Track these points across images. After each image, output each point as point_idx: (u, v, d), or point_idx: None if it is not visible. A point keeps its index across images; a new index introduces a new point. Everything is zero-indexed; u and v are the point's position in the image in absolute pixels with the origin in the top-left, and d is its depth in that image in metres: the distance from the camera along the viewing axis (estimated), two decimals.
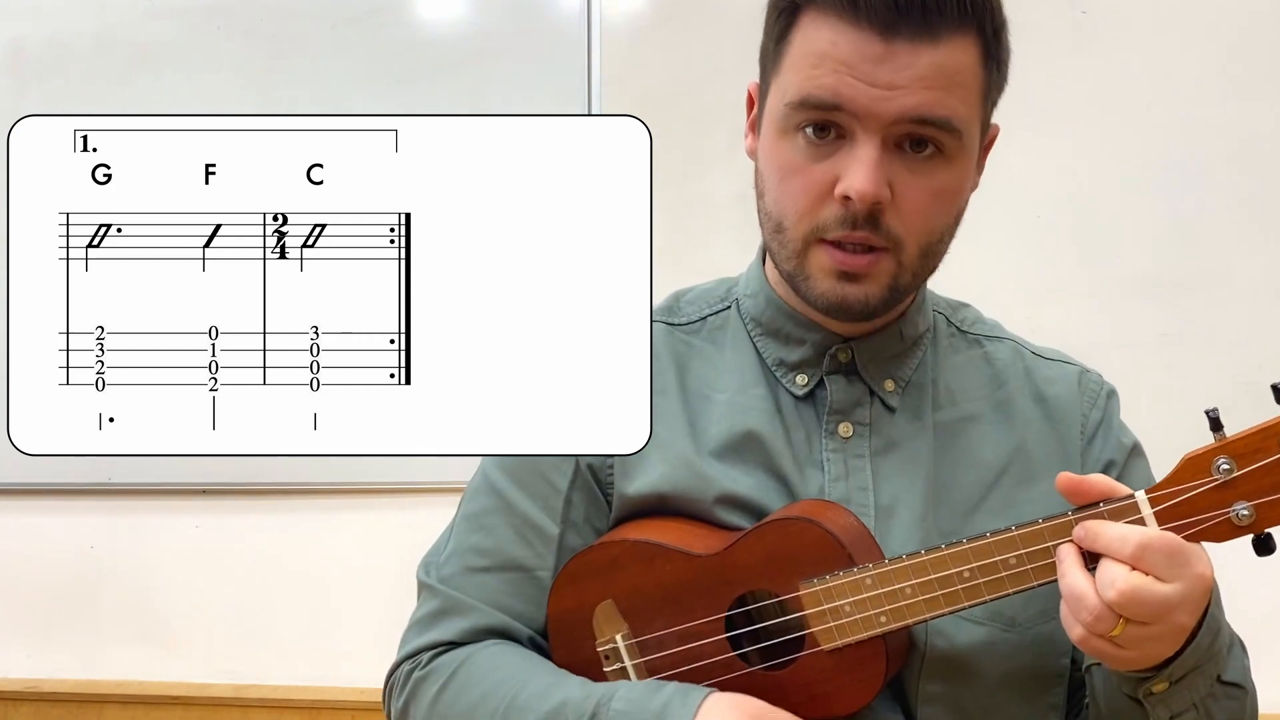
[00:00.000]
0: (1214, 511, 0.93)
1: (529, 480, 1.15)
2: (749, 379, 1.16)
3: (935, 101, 0.99)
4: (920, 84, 0.98)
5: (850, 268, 1.04)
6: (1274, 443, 0.91)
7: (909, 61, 0.98)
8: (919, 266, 1.07)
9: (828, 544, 1.01)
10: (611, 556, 1.10)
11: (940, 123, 1.00)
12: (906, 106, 0.98)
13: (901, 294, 1.08)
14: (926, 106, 0.99)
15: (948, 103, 1.00)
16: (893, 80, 0.98)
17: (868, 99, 0.98)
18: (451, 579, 1.15)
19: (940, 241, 1.07)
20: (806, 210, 1.04)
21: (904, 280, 1.06)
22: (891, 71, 0.98)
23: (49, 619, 2.78)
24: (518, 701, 1.05)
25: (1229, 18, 2.42)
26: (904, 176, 1.02)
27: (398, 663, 1.15)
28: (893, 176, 1.01)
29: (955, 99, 1.00)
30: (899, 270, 1.05)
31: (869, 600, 0.99)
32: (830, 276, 1.05)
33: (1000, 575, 0.97)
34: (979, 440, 1.14)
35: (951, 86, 1.00)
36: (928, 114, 0.99)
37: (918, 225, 1.03)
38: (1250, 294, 2.39)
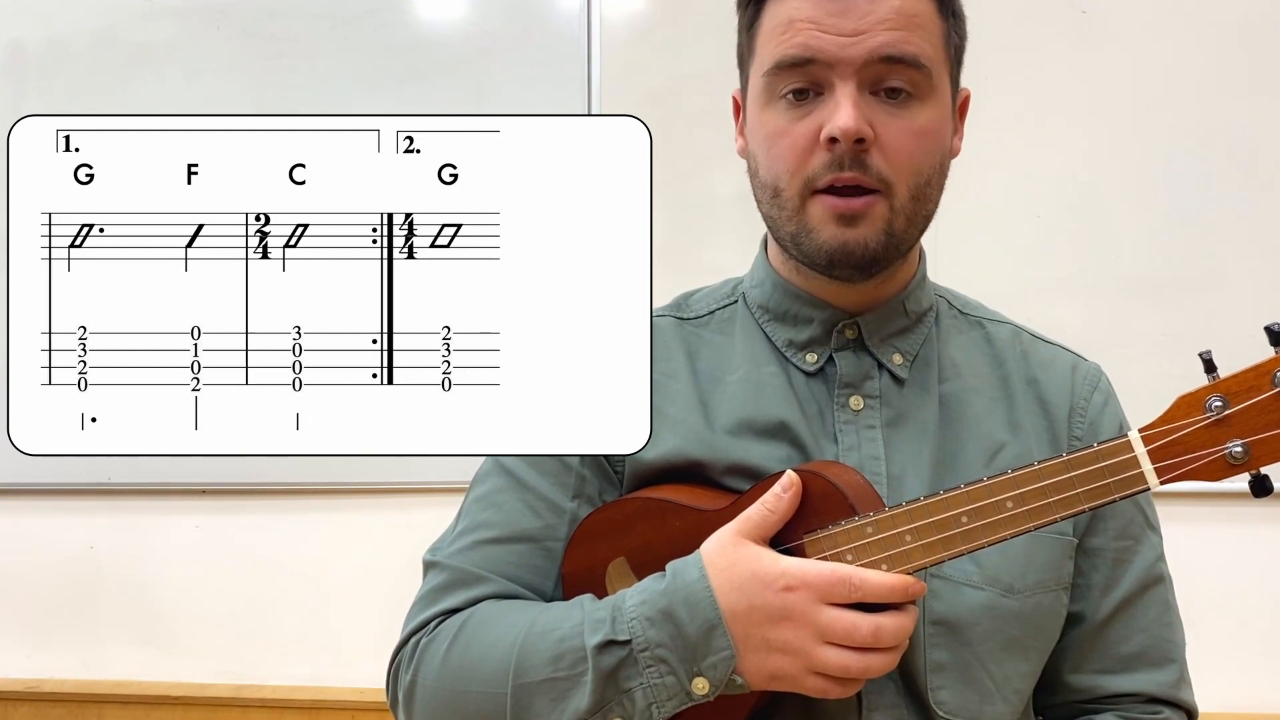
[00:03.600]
0: (1207, 450, 0.93)
1: (539, 459, 1.16)
2: (760, 359, 1.18)
3: (900, 39, 1.06)
4: (883, 26, 1.05)
5: (847, 209, 1.07)
6: (1267, 381, 0.91)
7: (869, 8, 1.06)
8: (911, 210, 1.10)
9: (831, 495, 1.02)
10: (625, 514, 1.11)
11: (909, 59, 1.06)
12: (873, 46, 1.05)
13: (897, 241, 1.10)
14: (893, 44, 1.05)
15: (913, 40, 1.07)
16: (857, 26, 1.05)
17: (836, 46, 1.05)
18: (459, 554, 1.15)
19: (928, 185, 1.11)
20: (796, 165, 1.08)
21: (898, 225, 1.09)
22: (855, 19, 1.05)
23: (49, 619, 2.78)
24: (535, 628, 1.05)
25: (1229, 17, 2.41)
26: (883, 119, 1.07)
27: (403, 640, 1.14)
28: (873, 119, 1.06)
29: (919, 37, 1.07)
30: (892, 214, 1.08)
31: (869, 546, 1.00)
32: (831, 223, 1.08)
33: (996, 518, 0.97)
34: (983, 413, 1.17)
35: (913, 26, 1.07)
36: (895, 51, 1.06)
37: (904, 164, 1.08)
38: (1250, 294, 2.38)
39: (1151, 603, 1.16)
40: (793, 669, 0.98)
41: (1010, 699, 1.11)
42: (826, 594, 0.96)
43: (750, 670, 0.99)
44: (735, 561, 1.00)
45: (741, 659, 0.99)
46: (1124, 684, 1.14)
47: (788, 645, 0.98)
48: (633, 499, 1.12)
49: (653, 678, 1.00)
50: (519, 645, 1.04)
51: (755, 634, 0.98)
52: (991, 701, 1.09)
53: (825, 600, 0.97)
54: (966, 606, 1.09)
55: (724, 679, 0.99)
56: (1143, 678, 1.14)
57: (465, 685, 1.07)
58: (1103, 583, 1.15)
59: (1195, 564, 1.35)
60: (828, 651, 0.96)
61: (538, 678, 1.03)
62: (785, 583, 0.97)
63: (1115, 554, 1.16)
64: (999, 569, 1.09)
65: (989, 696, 1.09)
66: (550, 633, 1.04)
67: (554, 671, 1.02)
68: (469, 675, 1.07)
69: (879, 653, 0.97)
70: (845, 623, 0.96)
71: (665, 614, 1.00)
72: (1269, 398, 0.91)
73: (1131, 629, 1.15)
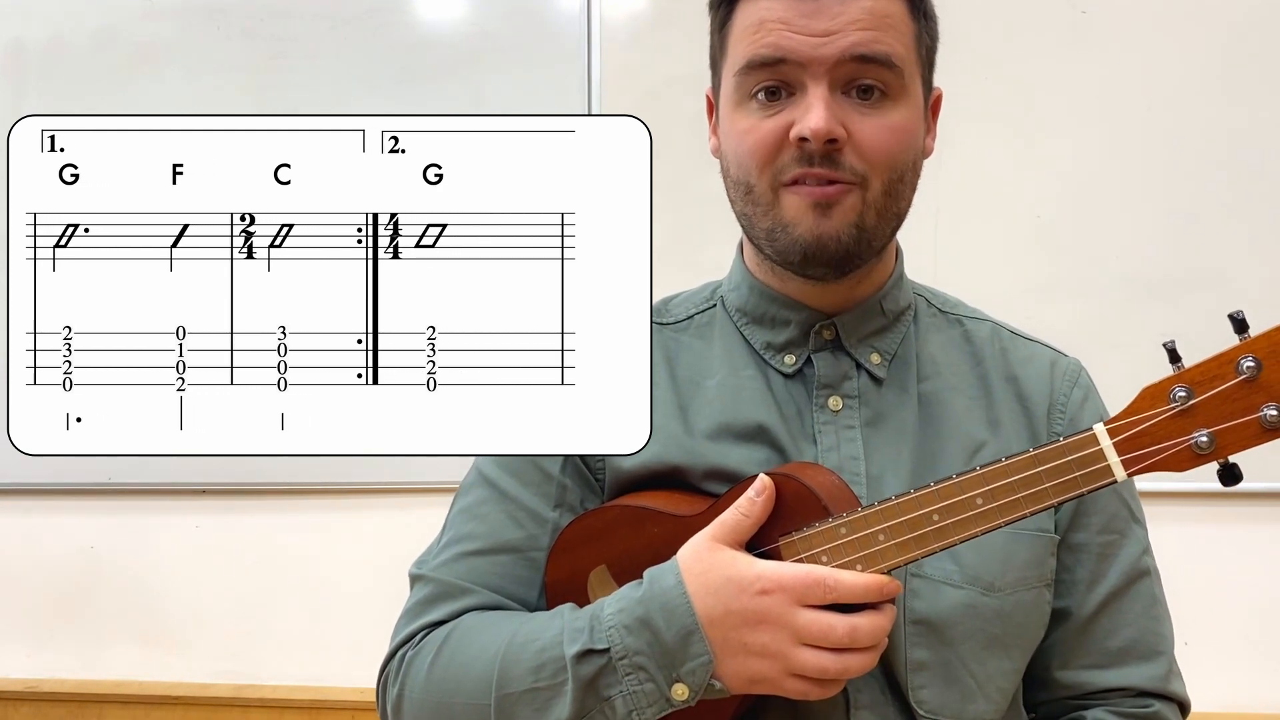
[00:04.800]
0: (1173, 440, 0.93)
1: (521, 468, 1.17)
2: (739, 363, 1.18)
3: (872, 39, 1.06)
4: (854, 26, 1.05)
5: (819, 197, 1.07)
6: (1230, 369, 0.91)
7: (840, 9, 1.06)
8: (883, 205, 1.10)
9: (805, 497, 1.02)
10: (605, 522, 1.12)
11: (880, 58, 1.06)
12: (845, 46, 1.05)
13: (869, 236, 1.10)
14: (864, 44, 1.05)
15: (884, 39, 1.06)
16: (828, 26, 1.05)
17: (808, 47, 1.05)
18: (443, 566, 1.16)
19: (901, 181, 1.11)
20: (765, 160, 1.09)
21: (870, 220, 1.09)
22: (826, 20, 1.05)
23: (49, 619, 2.79)
24: (517, 639, 1.05)
25: (1228, 18, 2.41)
26: (856, 119, 1.07)
27: (390, 654, 1.15)
28: (845, 119, 1.06)
29: (890, 37, 1.07)
30: (864, 207, 1.08)
31: (844, 547, 1.00)
32: (805, 214, 1.08)
33: (968, 514, 0.97)
34: (962, 412, 1.17)
35: (884, 26, 1.07)
36: (866, 50, 1.06)
37: (879, 159, 1.08)
38: (1250, 294, 2.37)
39: (1138, 596, 1.16)
40: (771, 672, 0.98)
41: (993, 697, 1.11)
42: (802, 596, 0.97)
43: (729, 675, 0.99)
44: (711, 567, 1.00)
45: (720, 664, 0.99)
46: (1113, 679, 1.14)
47: (765, 648, 0.98)
48: (612, 507, 1.13)
49: (632, 685, 1.00)
50: (501, 656, 1.05)
51: (733, 638, 0.98)
52: (973, 700, 1.09)
53: (801, 602, 0.97)
54: (947, 605, 1.09)
55: (703, 684, 0.99)
56: (1132, 671, 1.14)
57: (450, 697, 1.08)
58: (1088, 578, 1.15)
59: (1177, 563, 1.34)
60: (805, 653, 0.97)
61: (520, 688, 1.03)
62: (761, 586, 0.97)
63: (1100, 549, 1.16)
64: (979, 567, 1.09)
65: (971, 695, 1.09)
66: (531, 643, 1.04)
67: (535, 682, 1.03)
68: (454, 687, 1.07)
69: (857, 653, 0.97)
70: (821, 624, 0.96)
71: (642, 621, 1.00)
72: (1232, 386, 0.91)
73: (1119, 623, 1.15)
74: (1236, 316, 0.91)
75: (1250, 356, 0.90)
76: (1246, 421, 0.91)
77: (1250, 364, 0.90)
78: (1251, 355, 0.90)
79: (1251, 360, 0.90)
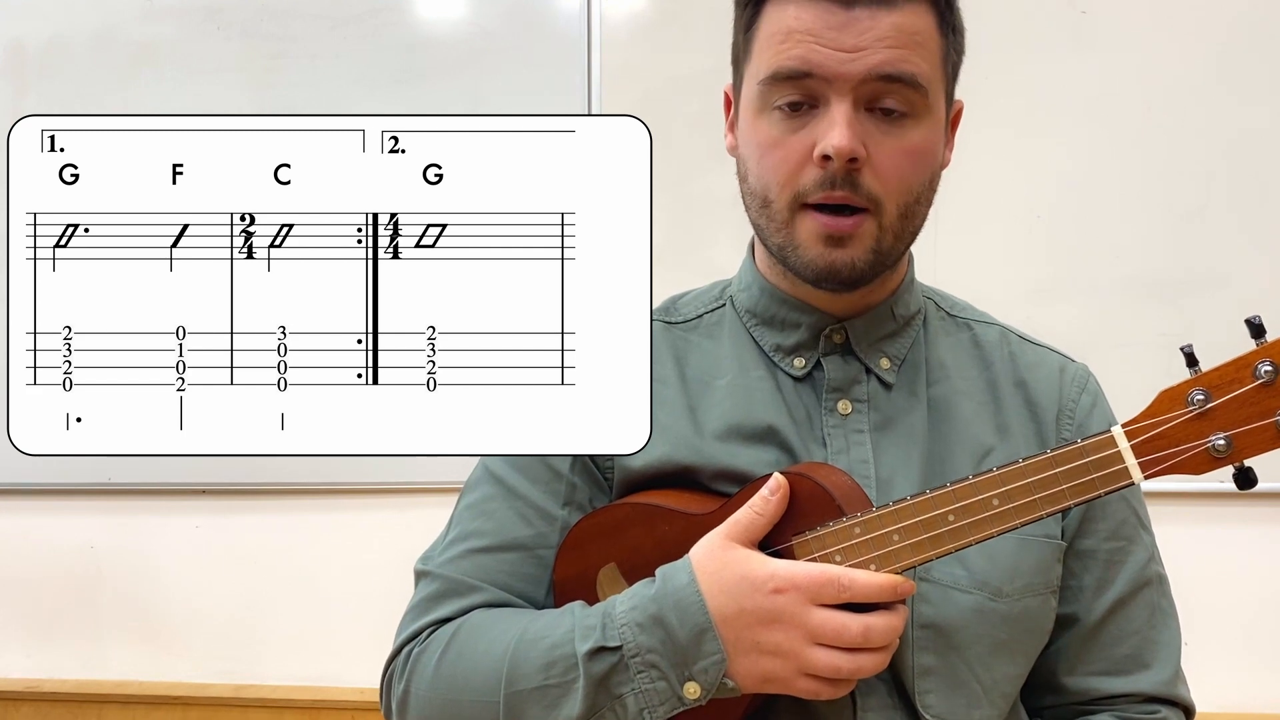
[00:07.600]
0: (1191, 443, 0.93)
1: (529, 466, 1.16)
2: (749, 363, 1.18)
3: (899, 58, 1.04)
4: (882, 43, 1.03)
5: (836, 230, 1.07)
6: (1248, 373, 0.91)
7: (870, 25, 1.03)
8: (900, 228, 1.09)
9: (819, 496, 1.02)
10: (615, 520, 1.11)
11: (906, 78, 1.05)
12: (872, 64, 1.03)
13: (885, 258, 1.10)
14: (891, 63, 1.04)
15: (911, 59, 1.05)
16: (857, 43, 1.03)
17: (835, 62, 1.04)
18: (450, 563, 1.15)
19: (917, 202, 1.10)
20: (788, 178, 1.07)
21: (886, 243, 1.09)
22: (855, 35, 1.03)
23: (49, 619, 2.79)
24: (526, 635, 1.05)
25: (1228, 18, 2.41)
26: (877, 138, 1.06)
27: (395, 651, 1.14)
28: (866, 138, 1.05)
29: (918, 56, 1.05)
30: (880, 233, 1.08)
31: (858, 547, 1.00)
32: (818, 242, 1.07)
33: (983, 515, 0.97)
34: (971, 416, 1.16)
35: (912, 45, 1.05)
36: (893, 70, 1.04)
37: (894, 184, 1.07)
38: (1250, 294, 2.38)
39: (1145, 603, 1.16)
40: (784, 671, 0.98)
41: (997, 703, 1.10)
42: (816, 595, 0.96)
43: (741, 673, 0.99)
44: (724, 565, 0.99)
45: (732, 662, 0.98)
46: (1120, 685, 1.14)
47: (778, 647, 0.97)
48: (622, 505, 1.12)
49: (644, 683, 1.00)
50: (510, 653, 1.04)
51: (746, 637, 0.98)
52: (979, 705, 1.09)
53: (815, 601, 0.96)
54: (955, 610, 1.08)
55: (715, 683, 0.99)
56: (1139, 678, 1.14)
57: (458, 694, 1.07)
58: (1095, 584, 1.15)
59: (1181, 563, 1.34)
60: (818, 653, 0.96)
61: (530, 685, 1.03)
62: (774, 585, 0.97)
63: (1107, 555, 1.16)
64: (987, 572, 1.09)
65: (976, 700, 1.09)
66: (541, 640, 1.04)
67: (546, 679, 1.02)
68: (461, 684, 1.07)
69: (870, 653, 0.97)
70: (835, 623, 0.96)
71: (655, 619, 0.99)
72: (1250, 390, 0.91)
73: (1126, 630, 1.15)
74: (1254, 321, 0.92)
75: (1268, 361, 0.91)
76: (1264, 425, 0.91)
77: (1268, 369, 0.91)
78: (1269, 360, 0.91)
79: (1269, 365, 0.91)
